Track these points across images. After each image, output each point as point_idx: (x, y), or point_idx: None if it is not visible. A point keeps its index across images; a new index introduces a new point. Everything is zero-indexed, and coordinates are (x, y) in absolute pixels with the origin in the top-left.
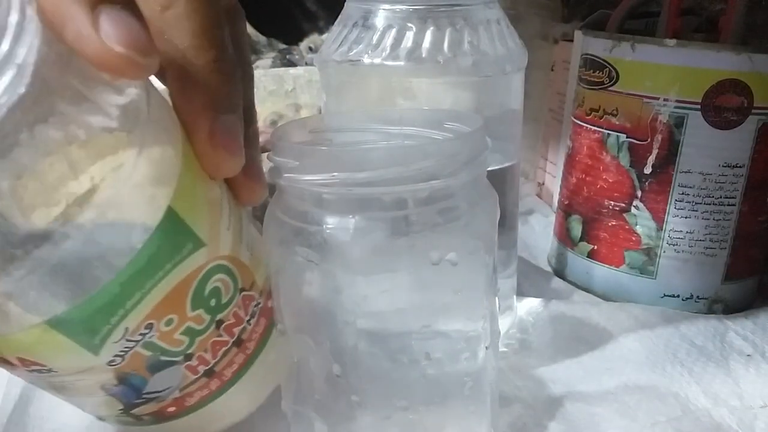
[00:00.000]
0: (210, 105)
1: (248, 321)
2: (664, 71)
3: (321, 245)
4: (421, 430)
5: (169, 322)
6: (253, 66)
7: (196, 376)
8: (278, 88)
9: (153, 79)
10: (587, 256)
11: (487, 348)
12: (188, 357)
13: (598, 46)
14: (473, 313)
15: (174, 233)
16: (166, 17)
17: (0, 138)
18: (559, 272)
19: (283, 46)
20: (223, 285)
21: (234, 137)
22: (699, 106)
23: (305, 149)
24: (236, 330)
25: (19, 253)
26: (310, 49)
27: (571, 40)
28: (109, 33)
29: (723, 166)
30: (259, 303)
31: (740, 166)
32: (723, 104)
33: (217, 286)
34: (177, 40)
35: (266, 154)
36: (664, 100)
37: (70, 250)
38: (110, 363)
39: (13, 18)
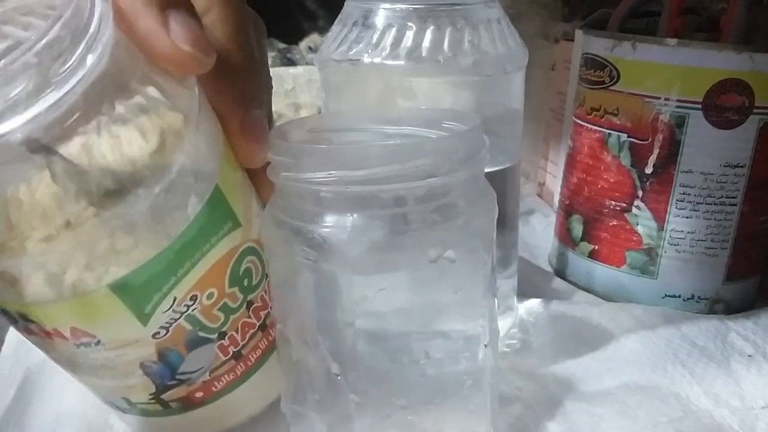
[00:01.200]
0: (241, 100)
1: (271, 307)
2: (665, 71)
3: (319, 244)
4: (421, 430)
5: (210, 296)
6: None
7: (226, 358)
8: (278, 88)
9: None
10: (588, 257)
11: (486, 347)
12: (222, 335)
13: (599, 46)
14: (472, 312)
15: (219, 209)
16: (203, 22)
17: (85, 105)
18: (560, 272)
19: (282, 45)
20: (254, 267)
21: (262, 129)
22: (700, 106)
23: (303, 148)
24: (262, 314)
25: (95, 209)
26: (310, 48)
27: (572, 40)
28: (178, 33)
29: (724, 165)
30: None
31: (741, 166)
32: (724, 104)
33: (249, 267)
34: (212, 42)
35: None
36: (665, 99)
37: (138, 212)
38: (155, 335)
39: (98, 7)
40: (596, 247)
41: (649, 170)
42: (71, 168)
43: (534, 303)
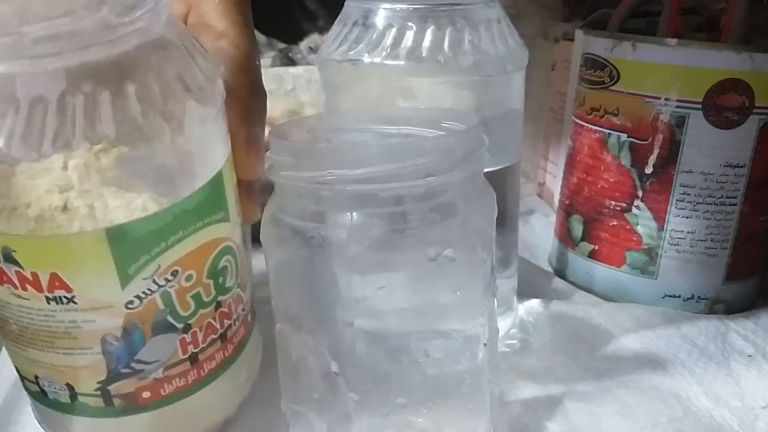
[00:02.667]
0: (248, 118)
1: (235, 320)
2: (665, 71)
3: (319, 243)
4: (420, 429)
5: (188, 278)
6: None
7: (183, 357)
8: (278, 88)
9: None
10: (588, 257)
11: (485, 346)
12: (187, 329)
13: (599, 46)
14: (471, 311)
15: (217, 195)
16: (218, 45)
17: (136, 55)
18: (560, 272)
19: (283, 45)
20: (230, 267)
21: (261, 146)
22: (700, 106)
23: (302, 147)
24: (226, 322)
25: (120, 147)
26: (311, 48)
27: (572, 40)
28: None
29: (724, 165)
30: (245, 309)
31: (741, 166)
32: (724, 104)
33: (226, 266)
34: (225, 63)
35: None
36: (665, 99)
37: (157, 161)
38: (128, 304)
39: None
40: (596, 247)
41: (649, 170)
42: (118, 101)
43: (534, 303)
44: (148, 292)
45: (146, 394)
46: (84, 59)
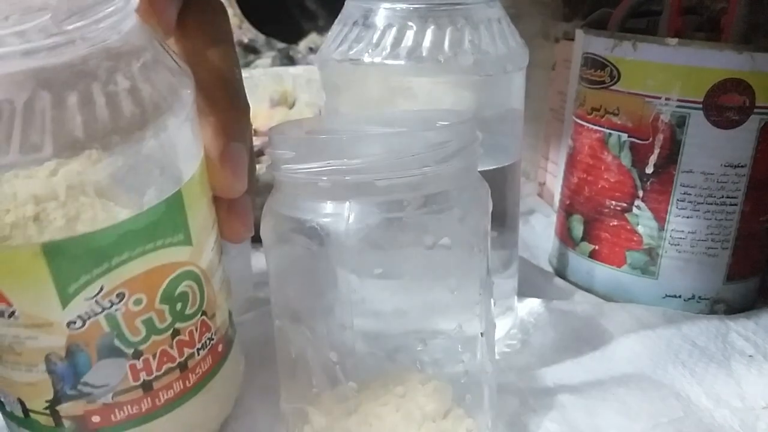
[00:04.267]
0: (223, 131)
1: (198, 350)
2: (666, 70)
3: (317, 233)
4: (420, 420)
5: (137, 302)
6: (253, 66)
7: (134, 383)
8: (277, 88)
9: None
10: (588, 257)
11: (482, 335)
12: (137, 355)
13: (600, 45)
14: (468, 301)
15: (174, 216)
16: (196, 54)
17: (82, 64)
18: (561, 272)
19: (282, 45)
20: (191, 294)
21: (240, 162)
22: (701, 106)
23: (302, 139)
24: (186, 351)
25: (58, 160)
26: (311, 49)
27: (573, 39)
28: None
29: (725, 165)
30: (212, 339)
31: (742, 166)
32: (725, 103)
33: (186, 292)
34: (203, 73)
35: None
36: (666, 99)
37: (97, 177)
38: (70, 324)
39: None
40: (597, 247)
41: (649, 170)
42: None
43: (534, 303)
44: (91, 314)
45: (96, 419)
46: (29, 65)
